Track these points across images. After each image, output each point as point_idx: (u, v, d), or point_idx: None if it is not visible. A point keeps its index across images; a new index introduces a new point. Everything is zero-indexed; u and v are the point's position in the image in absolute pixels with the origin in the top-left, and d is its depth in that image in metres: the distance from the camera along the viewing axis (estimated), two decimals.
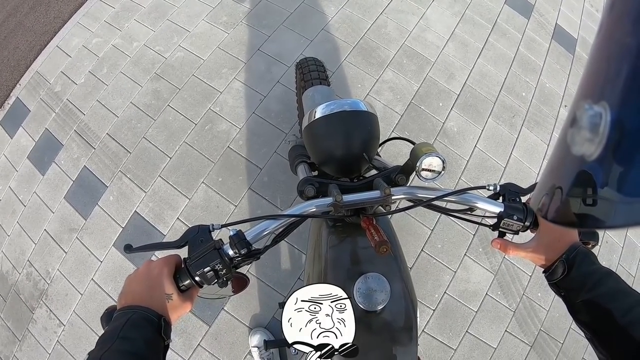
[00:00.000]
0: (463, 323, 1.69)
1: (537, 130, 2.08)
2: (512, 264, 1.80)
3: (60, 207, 1.81)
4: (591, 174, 0.25)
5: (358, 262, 0.82)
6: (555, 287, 0.65)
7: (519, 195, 0.72)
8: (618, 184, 0.23)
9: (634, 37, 0.22)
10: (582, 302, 0.60)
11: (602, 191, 0.24)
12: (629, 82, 0.22)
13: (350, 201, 0.71)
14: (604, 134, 0.23)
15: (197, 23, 2.11)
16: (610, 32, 0.25)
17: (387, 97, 1.99)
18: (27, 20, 2.34)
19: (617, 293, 0.58)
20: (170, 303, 0.59)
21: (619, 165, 0.23)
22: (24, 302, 1.73)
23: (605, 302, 0.57)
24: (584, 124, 0.25)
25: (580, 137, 0.25)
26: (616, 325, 0.54)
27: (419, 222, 1.78)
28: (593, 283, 0.59)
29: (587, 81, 0.27)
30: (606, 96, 0.24)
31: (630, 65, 0.22)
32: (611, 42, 0.25)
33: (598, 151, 0.24)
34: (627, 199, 0.23)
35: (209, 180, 1.78)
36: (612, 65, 0.24)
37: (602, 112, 0.23)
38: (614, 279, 0.59)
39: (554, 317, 1.77)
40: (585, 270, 0.61)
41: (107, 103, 1.96)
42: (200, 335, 1.59)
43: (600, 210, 0.25)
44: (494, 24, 2.31)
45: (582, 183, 0.26)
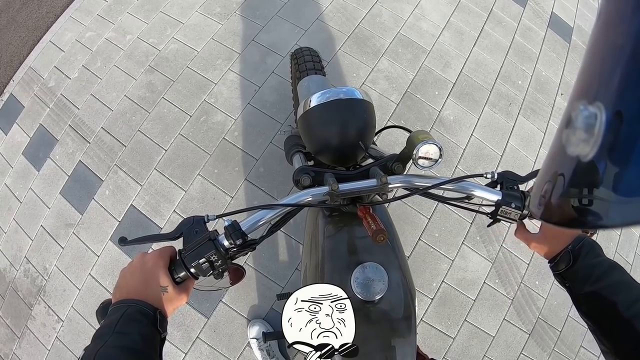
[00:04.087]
0: (461, 312, 1.69)
1: (533, 118, 2.07)
2: (510, 252, 1.80)
3: (56, 203, 1.80)
4: (586, 175, 0.25)
5: (355, 252, 0.81)
6: (560, 277, 0.65)
7: (516, 183, 0.72)
8: (614, 184, 0.23)
9: (628, 38, 0.22)
10: (587, 293, 0.60)
11: (598, 191, 0.24)
12: (623, 82, 0.22)
13: (347, 190, 0.71)
14: (599, 135, 0.23)
15: (191, 15, 2.09)
16: (604, 33, 0.25)
17: (382, 86, 1.98)
18: (19, 16, 2.32)
19: (622, 286, 0.58)
20: (165, 295, 0.58)
21: (615, 165, 0.23)
22: (22, 299, 1.73)
23: (609, 295, 0.57)
24: (579, 125, 0.25)
25: (575, 138, 0.26)
26: (620, 317, 0.54)
27: (415, 211, 1.78)
28: (598, 275, 0.59)
29: (582, 82, 0.27)
30: (601, 97, 0.24)
31: (624, 65, 0.22)
32: (605, 42, 0.25)
33: (593, 151, 0.24)
34: (623, 198, 0.23)
35: (204, 172, 1.77)
36: (606, 66, 0.24)
37: (597, 113, 0.23)
38: (619, 272, 0.59)
39: (552, 305, 1.77)
40: (590, 262, 0.61)
41: (101, 97, 1.94)
42: (199, 328, 1.59)
43: (596, 211, 0.25)
44: (489, 13, 2.29)
45: (577, 183, 0.27)
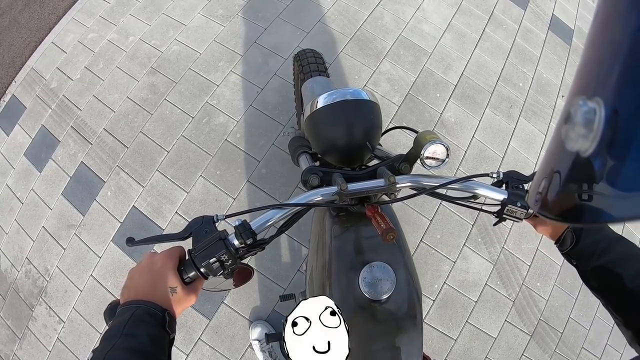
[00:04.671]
0: (463, 313, 1.69)
1: (534, 120, 2.08)
2: (511, 254, 1.80)
3: (58, 204, 1.80)
4: (586, 170, 0.25)
5: (362, 252, 0.81)
6: (567, 256, 0.66)
7: (522, 183, 0.73)
8: (613, 179, 0.23)
9: (626, 34, 0.23)
10: (593, 268, 0.61)
11: (597, 186, 0.25)
12: (622, 77, 0.23)
13: (355, 190, 0.71)
14: (599, 130, 0.23)
15: (193, 16, 2.10)
16: (602, 28, 0.26)
17: (384, 88, 1.98)
18: (21, 17, 2.32)
19: (627, 258, 0.59)
20: (174, 296, 0.58)
21: (614, 160, 0.23)
22: (23, 300, 1.72)
23: (615, 267, 0.58)
24: (578, 120, 0.25)
25: (574, 133, 0.26)
26: (626, 289, 0.55)
27: (417, 213, 1.78)
28: (602, 250, 0.60)
29: (581, 77, 0.28)
30: (600, 92, 0.24)
31: (622, 60, 0.23)
32: (603, 38, 0.25)
33: (593, 147, 0.24)
34: (622, 193, 0.23)
35: (207, 173, 1.77)
36: (605, 61, 0.25)
37: (596, 108, 0.24)
38: (625, 244, 0.60)
39: (554, 306, 1.77)
40: (593, 238, 0.62)
41: (103, 98, 1.94)
42: (201, 329, 1.59)
43: (596, 206, 0.25)
44: (490, 15, 2.30)
45: (577, 179, 0.27)
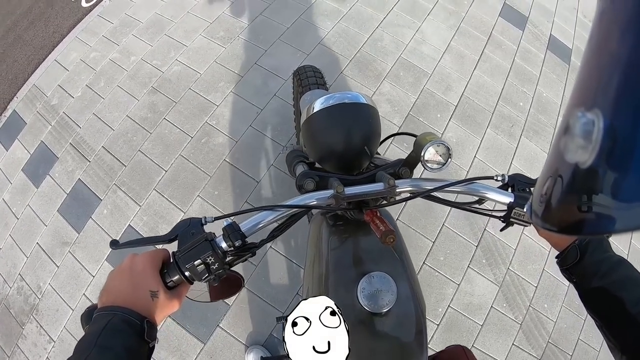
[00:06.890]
0: (469, 337, 1.63)
1: (536, 139, 2.07)
2: (517, 275, 1.75)
3: (54, 220, 1.77)
4: (586, 181, 0.25)
5: (361, 262, 0.77)
6: (567, 273, 0.64)
7: (528, 186, 0.70)
8: (612, 190, 0.23)
9: (624, 46, 0.22)
10: (594, 289, 0.59)
11: (597, 198, 0.25)
12: (620, 89, 0.23)
13: (352, 193, 0.68)
14: (597, 141, 0.23)
15: (195, 38, 2.13)
16: (600, 40, 0.26)
17: (385, 109, 1.98)
18: (26, 34, 2.36)
19: (629, 282, 0.57)
20: (155, 301, 0.54)
21: (613, 171, 0.23)
22: (13, 317, 1.68)
23: (616, 291, 0.57)
24: (577, 132, 0.25)
25: (573, 145, 0.26)
26: (627, 314, 0.54)
27: (419, 234, 1.75)
28: (605, 271, 0.59)
29: (580, 89, 0.27)
30: (598, 103, 0.24)
31: (621, 72, 0.23)
32: (602, 50, 0.25)
33: (592, 158, 0.24)
34: (622, 204, 0.23)
35: (204, 193, 1.75)
36: (603, 73, 0.25)
37: (594, 120, 0.24)
38: (626, 267, 0.59)
39: (562, 328, 1.72)
40: (598, 258, 0.60)
41: (103, 116, 1.95)
42: (195, 354, 1.53)
43: (596, 217, 0.25)
44: (489, 36, 2.33)
45: (576, 190, 0.27)
